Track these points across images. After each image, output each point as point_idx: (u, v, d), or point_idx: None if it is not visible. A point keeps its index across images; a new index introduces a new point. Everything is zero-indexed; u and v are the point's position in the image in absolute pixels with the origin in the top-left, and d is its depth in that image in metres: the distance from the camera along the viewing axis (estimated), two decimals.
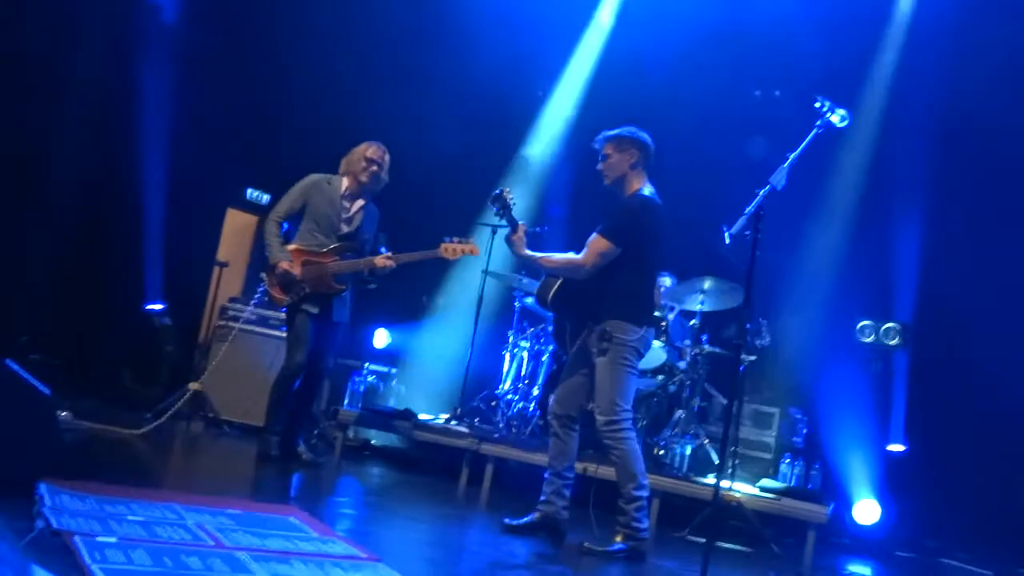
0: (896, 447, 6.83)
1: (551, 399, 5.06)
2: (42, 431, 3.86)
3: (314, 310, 6.00)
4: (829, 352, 7.05)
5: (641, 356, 4.79)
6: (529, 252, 4.89)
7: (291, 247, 6.07)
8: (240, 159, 8.11)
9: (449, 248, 5.84)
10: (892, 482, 6.59)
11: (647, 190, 4.84)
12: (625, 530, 4.63)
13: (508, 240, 4.93)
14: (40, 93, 7.29)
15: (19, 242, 7.27)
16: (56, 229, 7.60)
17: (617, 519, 4.69)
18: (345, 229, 6.11)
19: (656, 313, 6.64)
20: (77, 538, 3.15)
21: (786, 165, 3.81)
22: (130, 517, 3.64)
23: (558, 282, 4.97)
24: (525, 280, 7.26)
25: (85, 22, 7.53)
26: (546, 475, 4.98)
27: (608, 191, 4.95)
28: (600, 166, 4.91)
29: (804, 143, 3.88)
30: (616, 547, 4.62)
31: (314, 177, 6.16)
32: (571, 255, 4.82)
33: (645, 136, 4.90)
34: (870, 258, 7.22)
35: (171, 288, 7.92)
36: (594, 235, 4.75)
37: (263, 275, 6.18)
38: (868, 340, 6.99)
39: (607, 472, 5.67)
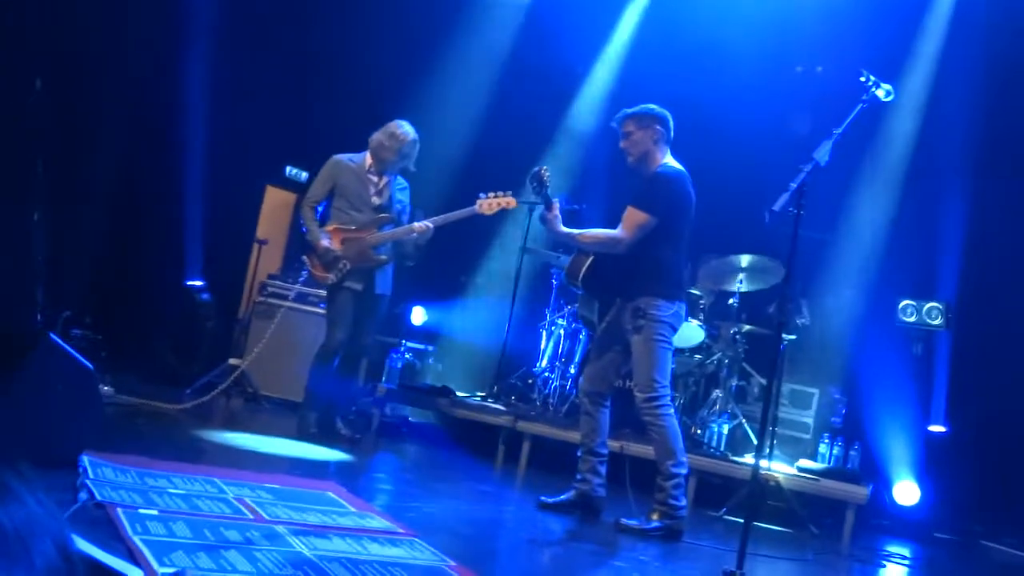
0: (937, 428, 6.73)
1: (582, 377, 5.05)
2: (85, 405, 3.91)
3: (357, 286, 6.05)
4: (870, 332, 6.95)
5: (675, 331, 4.77)
6: (565, 229, 4.85)
7: (328, 227, 6.12)
8: (279, 137, 8.14)
9: (484, 204, 5.87)
10: (932, 464, 6.49)
11: (673, 163, 4.81)
12: (662, 508, 4.61)
13: (542, 218, 4.90)
14: (82, 71, 7.35)
15: (61, 219, 7.35)
16: (97, 206, 7.68)
17: (654, 496, 4.66)
18: (377, 201, 6.16)
19: (696, 292, 6.59)
20: (119, 510, 3.18)
21: (830, 141, 3.73)
22: (171, 490, 3.68)
23: (589, 259, 4.94)
24: (562, 258, 7.23)
25: (129, 1, 7.57)
26: (579, 453, 4.96)
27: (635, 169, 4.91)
28: (623, 144, 4.87)
29: (849, 118, 3.80)
30: (652, 525, 4.60)
31: (338, 157, 6.23)
32: (607, 230, 4.78)
33: (665, 111, 4.86)
34: (913, 236, 7.09)
35: (211, 265, 7.99)
36: (628, 208, 4.70)
37: (304, 258, 6.25)
38: (910, 320, 6.87)
39: (640, 450, 5.66)
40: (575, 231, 4.85)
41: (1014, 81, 6.78)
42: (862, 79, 3.88)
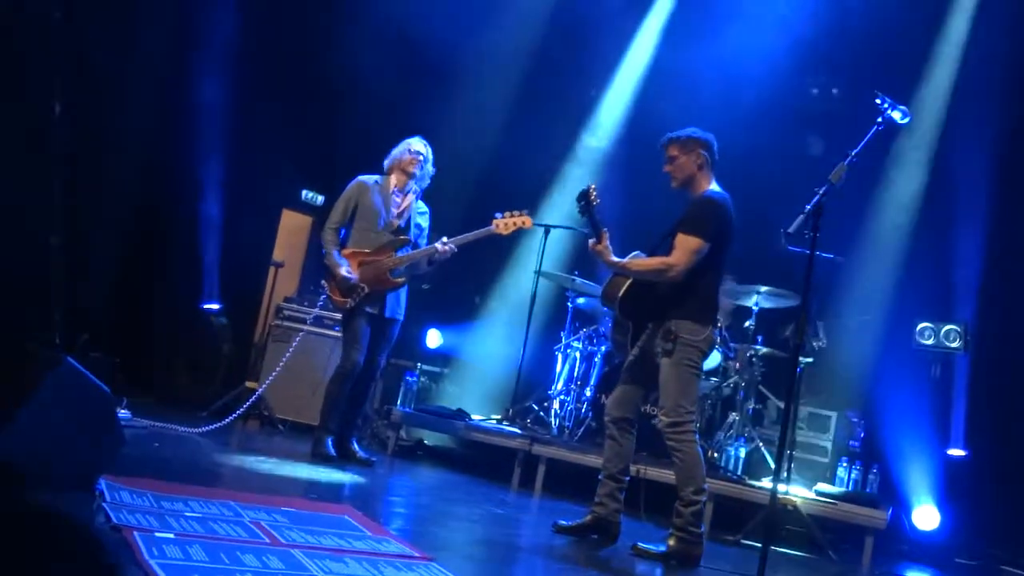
0: (956, 452, 6.67)
1: (607, 401, 5.00)
2: (103, 428, 3.92)
3: (373, 310, 6.08)
4: (887, 354, 6.91)
5: (706, 356, 4.71)
6: (616, 259, 4.74)
7: (346, 251, 6.17)
8: (295, 161, 8.21)
9: (501, 223, 5.93)
10: (952, 488, 6.44)
11: (718, 189, 4.79)
12: (680, 533, 4.57)
13: (593, 250, 4.76)
14: (101, 96, 7.42)
15: (79, 242, 7.41)
16: (115, 229, 7.73)
17: (672, 521, 4.62)
18: (397, 223, 6.20)
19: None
20: (136, 534, 3.19)
21: (846, 163, 3.73)
22: (187, 514, 3.68)
23: (627, 282, 4.82)
24: (578, 281, 7.23)
25: (145, 23, 7.65)
26: (600, 476, 4.92)
27: (668, 190, 4.88)
28: (667, 168, 4.84)
29: (864, 140, 3.80)
30: (670, 550, 4.56)
31: (361, 179, 6.31)
32: (660, 258, 4.67)
33: (710, 136, 4.84)
34: (930, 258, 7.06)
35: (227, 288, 8.03)
36: (680, 235, 4.63)
37: (323, 283, 6.28)
38: (928, 342, 6.83)
39: (657, 474, 5.63)
40: (626, 260, 4.76)
41: None
42: (877, 101, 3.88)
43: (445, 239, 6.07)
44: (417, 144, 6.27)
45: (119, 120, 7.59)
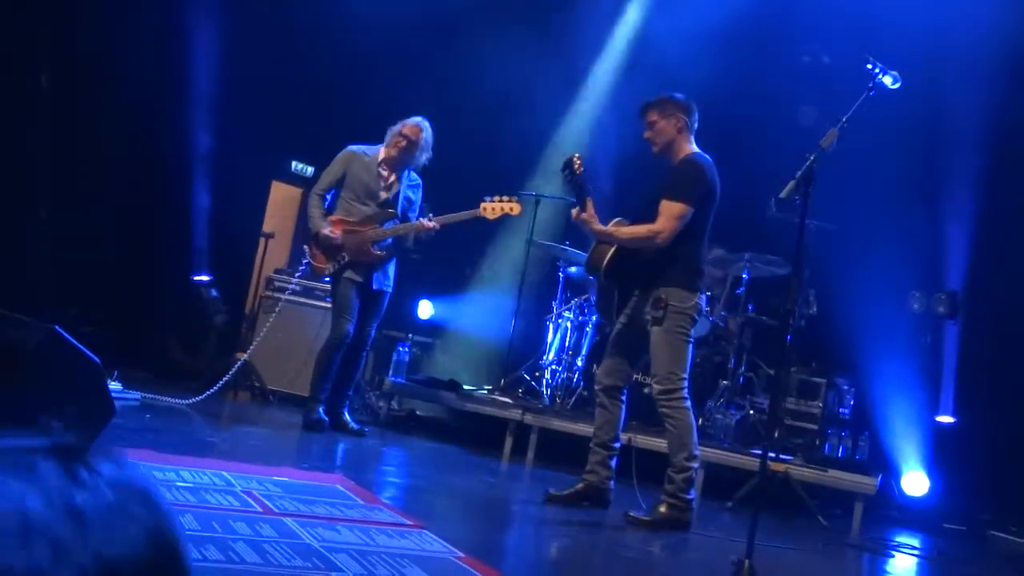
0: (946, 418, 6.71)
1: (597, 370, 5.00)
2: (93, 398, 3.90)
3: (357, 278, 6.06)
4: (878, 322, 6.91)
5: (695, 323, 4.71)
6: (601, 227, 4.70)
7: (332, 218, 6.17)
8: (285, 132, 8.15)
9: (488, 207, 5.89)
10: (941, 454, 6.48)
11: (699, 152, 4.77)
12: (671, 500, 4.58)
13: (577, 218, 4.72)
14: (87, 68, 7.36)
15: (68, 215, 7.38)
16: (104, 202, 7.69)
17: (664, 488, 4.63)
18: (384, 196, 6.18)
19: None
20: None
21: (836, 129, 3.72)
22: (179, 483, 3.69)
23: (612, 249, 4.78)
24: (569, 250, 7.22)
25: None
26: (591, 444, 4.94)
27: (654, 159, 4.86)
28: (646, 134, 4.81)
29: (855, 106, 3.79)
30: (660, 516, 4.58)
31: (352, 148, 6.29)
32: (646, 225, 4.63)
33: (688, 99, 4.82)
34: (921, 225, 7.05)
35: (218, 260, 8.00)
36: (664, 201, 4.60)
37: (305, 247, 6.29)
38: (918, 309, 6.85)
39: (648, 442, 5.66)
40: (611, 229, 4.74)
41: None
42: (868, 67, 3.86)
43: (432, 216, 6.05)
44: (409, 127, 6.16)
45: (107, 93, 7.53)
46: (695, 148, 4.79)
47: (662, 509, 4.58)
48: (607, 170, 7.97)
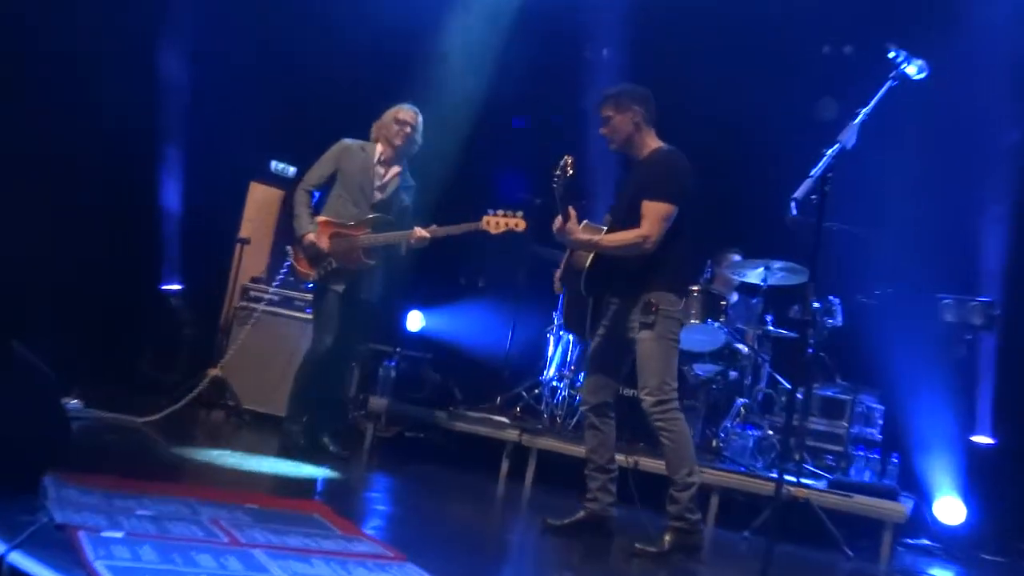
0: (982, 439, 6.67)
1: (582, 390, 4.98)
2: (47, 418, 3.87)
3: (340, 288, 6.00)
4: (908, 333, 6.87)
5: (682, 327, 4.74)
6: (585, 237, 4.70)
7: (320, 218, 6.10)
8: (264, 130, 8.11)
9: (492, 221, 5.77)
10: (978, 478, 6.43)
11: (666, 146, 4.76)
12: (678, 522, 4.52)
13: (558, 231, 4.69)
14: (56, 63, 7.34)
15: (33, 221, 7.35)
16: (70, 206, 7.66)
17: (668, 511, 4.57)
18: (379, 197, 6.12)
19: (716, 291, 6.55)
20: (81, 533, 3.15)
21: (856, 122, 3.69)
22: (140, 511, 3.65)
23: (589, 257, 4.76)
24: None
25: None
26: (587, 470, 4.89)
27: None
28: (602, 130, 4.82)
29: (876, 97, 3.76)
30: (670, 545, 4.52)
31: (346, 142, 6.21)
32: (632, 231, 4.61)
33: (645, 90, 4.82)
34: (955, 228, 7.01)
35: (191, 267, 7.97)
36: (646, 203, 4.59)
37: (289, 248, 6.23)
38: (951, 320, 6.80)
39: (653, 465, 5.61)
40: (596, 237, 4.73)
41: None
42: (891, 55, 3.83)
43: (435, 227, 5.97)
44: (405, 112, 6.14)
45: (74, 90, 7.50)
46: (659, 141, 4.79)
47: (669, 537, 4.53)
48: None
